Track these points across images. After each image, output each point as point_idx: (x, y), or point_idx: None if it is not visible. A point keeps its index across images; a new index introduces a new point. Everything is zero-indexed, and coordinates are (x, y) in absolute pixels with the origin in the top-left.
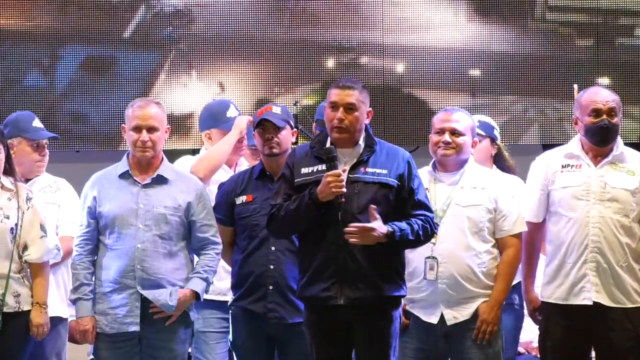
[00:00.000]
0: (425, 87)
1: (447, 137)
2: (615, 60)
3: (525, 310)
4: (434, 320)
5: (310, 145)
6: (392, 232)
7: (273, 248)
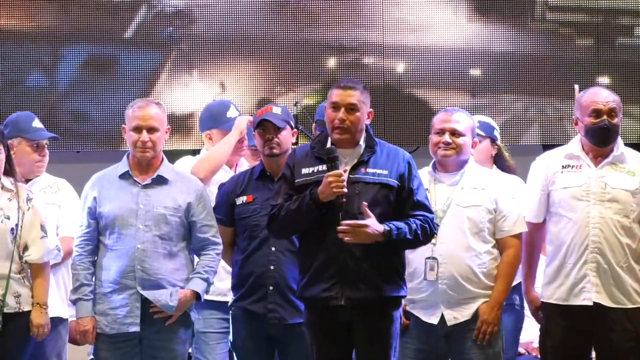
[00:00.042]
0: (426, 87)
1: (447, 137)
2: (616, 60)
3: (526, 311)
4: (435, 321)
5: (311, 146)
6: (388, 230)
7: (273, 248)
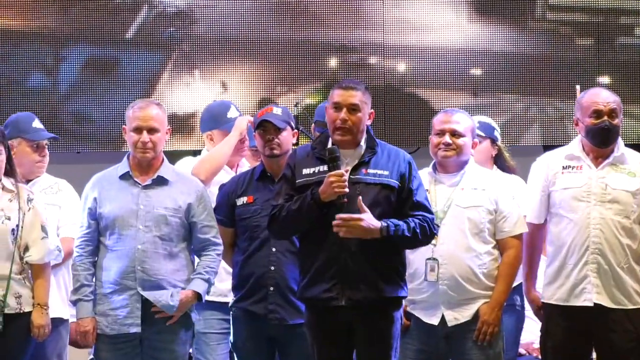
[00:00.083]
0: (426, 87)
1: (447, 138)
2: (616, 60)
3: (527, 312)
4: (435, 322)
5: (312, 146)
6: (386, 227)
7: (274, 249)
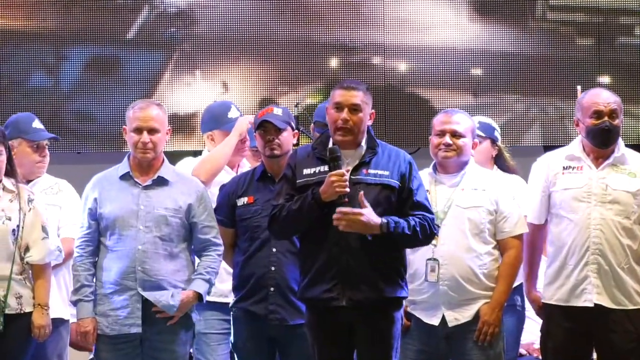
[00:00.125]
0: (427, 87)
1: (447, 139)
2: (616, 60)
3: (527, 312)
4: (436, 322)
5: (312, 147)
6: (386, 223)
7: (274, 249)
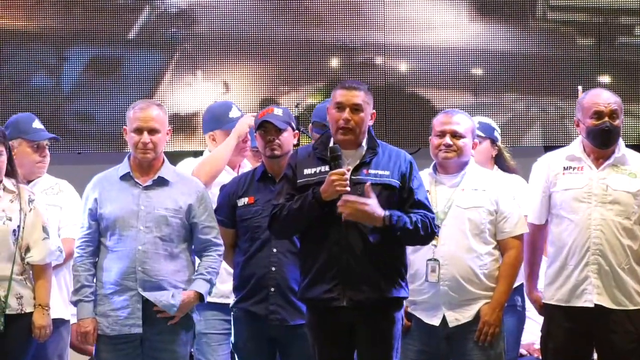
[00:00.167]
0: (427, 88)
1: (448, 139)
2: (616, 59)
3: (528, 312)
4: (436, 322)
5: (313, 147)
6: (389, 215)
7: (275, 250)
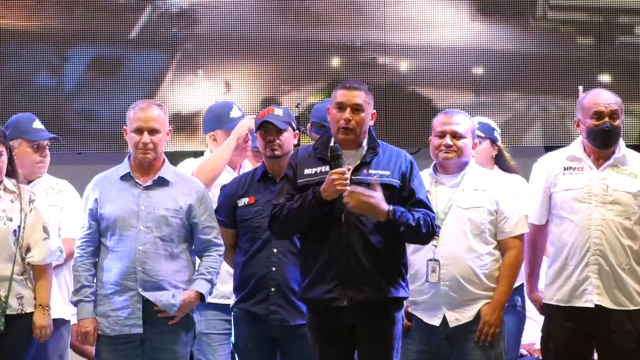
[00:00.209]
0: (427, 87)
1: (448, 140)
2: (616, 58)
3: (528, 312)
4: (437, 323)
5: (314, 147)
6: (392, 210)
7: (275, 250)
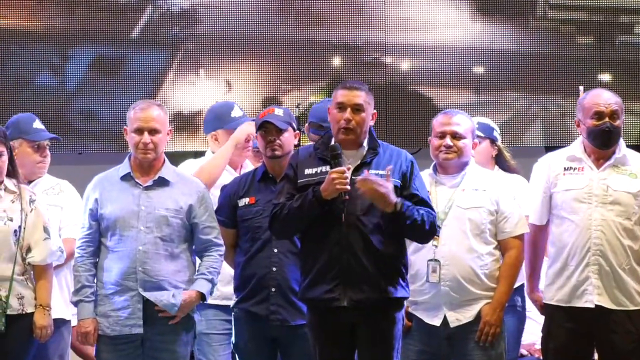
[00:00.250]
0: (427, 87)
1: (448, 140)
2: (616, 58)
3: (528, 312)
4: (437, 323)
5: (314, 147)
6: (401, 202)
7: (275, 250)
